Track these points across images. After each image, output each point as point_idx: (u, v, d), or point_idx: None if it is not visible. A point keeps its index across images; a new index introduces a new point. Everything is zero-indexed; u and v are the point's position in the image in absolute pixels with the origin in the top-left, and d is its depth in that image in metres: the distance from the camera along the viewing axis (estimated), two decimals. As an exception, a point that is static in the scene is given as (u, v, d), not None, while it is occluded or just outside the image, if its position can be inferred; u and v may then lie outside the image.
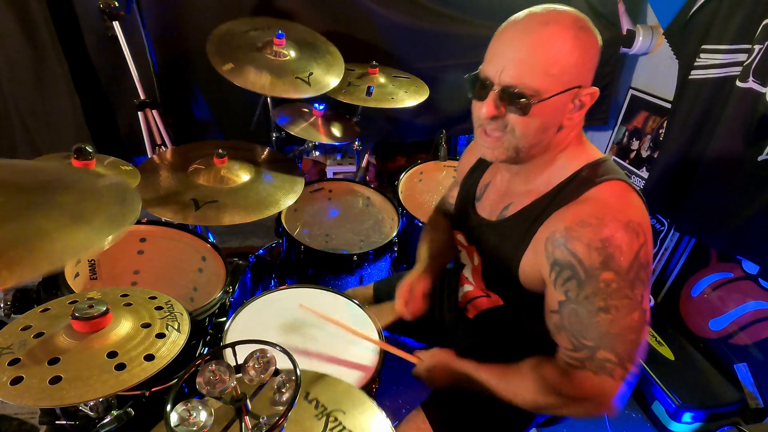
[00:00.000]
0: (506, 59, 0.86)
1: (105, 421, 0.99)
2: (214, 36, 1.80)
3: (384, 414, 0.85)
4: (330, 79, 1.83)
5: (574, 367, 0.88)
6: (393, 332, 1.48)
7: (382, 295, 1.48)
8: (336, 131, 2.04)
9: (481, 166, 1.19)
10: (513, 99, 0.86)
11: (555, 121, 0.90)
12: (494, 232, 1.04)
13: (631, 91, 2.52)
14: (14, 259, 0.66)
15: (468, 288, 1.21)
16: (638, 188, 0.91)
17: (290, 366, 0.74)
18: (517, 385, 0.98)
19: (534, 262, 0.94)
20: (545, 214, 0.92)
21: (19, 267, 0.66)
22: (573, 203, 0.89)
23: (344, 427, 0.81)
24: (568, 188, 0.92)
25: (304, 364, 1.10)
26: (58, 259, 0.72)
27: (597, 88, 0.90)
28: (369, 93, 1.94)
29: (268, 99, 2.01)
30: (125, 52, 1.86)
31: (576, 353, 0.87)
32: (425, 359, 1.16)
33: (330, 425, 0.82)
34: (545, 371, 0.94)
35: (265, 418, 0.71)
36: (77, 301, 0.92)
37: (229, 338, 1.17)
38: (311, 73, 1.78)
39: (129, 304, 0.98)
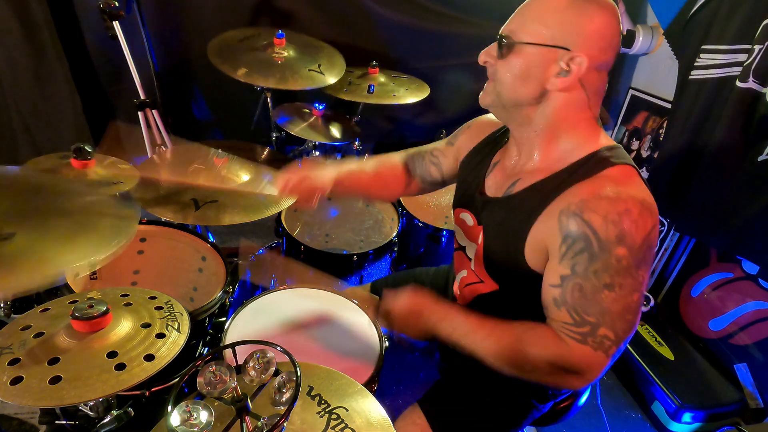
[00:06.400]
0: (512, 15, 0.96)
1: (105, 421, 0.99)
2: (214, 45, 1.80)
3: (386, 412, 0.85)
4: (335, 72, 1.87)
5: (575, 341, 0.88)
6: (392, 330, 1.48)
7: (380, 293, 1.48)
8: (336, 131, 2.04)
9: (488, 146, 1.18)
10: (500, 44, 0.94)
11: (533, 74, 0.92)
12: (501, 208, 1.04)
13: (631, 91, 2.52)
14: (46, 258, 0.69)
15: (463, 273, 1.20)
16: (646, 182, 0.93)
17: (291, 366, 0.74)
18: (500, 342, 0.94)
19: (543, 236, 0.93)
20: (560, 188, 0.92)
21: (53, 264, 0.71)
22: (589, 179, 0.90)
23: (346, 425, 0.81)
24: (586, 166, 0.93)
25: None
26: (82, 258, 0.75)
27: (586, 58, 0.88)
28: (370, 91, 1.95)
29: (269, 99, 2.01)
30: (125, 52, 1.86)
31: (577, 328, 0.88)
32: (394, 297, 1.07)
33: (332, 423, 0.82)
34: (541, 336, 0.92)
35: (266, 419, 0.71)
36: (77, 301, 0.92)
37: (229, 338, 1.17)
38: (320, 65, 1.82)
39: (129, 304, 0.98)
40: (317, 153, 2.24)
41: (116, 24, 1.79)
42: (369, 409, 0.85)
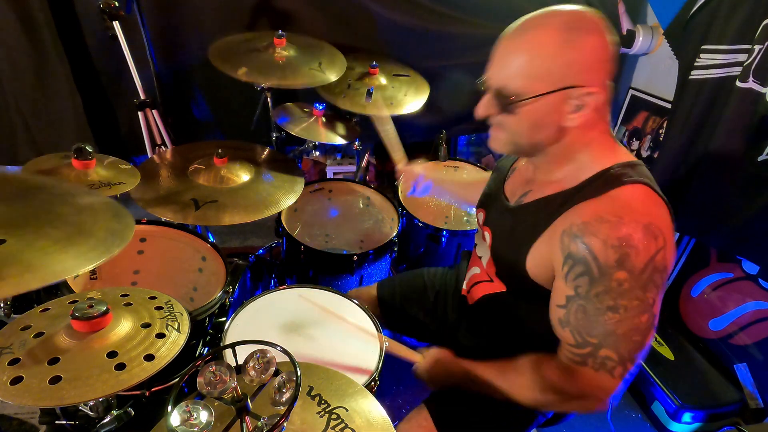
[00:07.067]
0: (495, 63, 0.92)
1: (105, 421, 0.99)
2: (215, 49, 1.80)
3: (385, 412, 0.85)
4: (336, 70, 1.89)
5: (575, 363, 0.89)
6: (395, 332, 1.48)
7: (386, 294, 1.48)
8: (336, 131, 2.04)
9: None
10: (500, 100, 0.91)
11: (548, 121, 0.91)
12: (510, 216, 1.05)
13: (631, 91, 2.52)
14: (35, 265, 0.72)
15: (475, 270, 1.21)
16: (665, 198, 0.90)
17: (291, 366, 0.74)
18: (515, 381, 1.00)
19: (546, 253, 0.93)
20: (566, 206, 0.92)
21: (43, 271, 0.72)
22: (595, 199, 0.88)
23: (346, 425, 0.81)
24: (595, 184, 0.91)
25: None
26: (70, 269, 0.77)
27: (596, 89, 0.87)
28: (369, 96, 1.95)
29: (269, 99, 2.01)
30: (125, 52, 1.86)
31: (578, 349, 0.88)
32: (425, 357, 1.17)
33: (332, 423, 0.82)
34: (545, 368, 0.95)
35: (266, 419, 0.71)
36: (77, 301, 0.92)
37: (229, 338, 1.17)
38: (320, 63, 1.83)
39: (129, 304, 0.98)
40: (317, 153, 2.24)
41: (116, 24, 1.79)
42: (369, 409, 0.85)
